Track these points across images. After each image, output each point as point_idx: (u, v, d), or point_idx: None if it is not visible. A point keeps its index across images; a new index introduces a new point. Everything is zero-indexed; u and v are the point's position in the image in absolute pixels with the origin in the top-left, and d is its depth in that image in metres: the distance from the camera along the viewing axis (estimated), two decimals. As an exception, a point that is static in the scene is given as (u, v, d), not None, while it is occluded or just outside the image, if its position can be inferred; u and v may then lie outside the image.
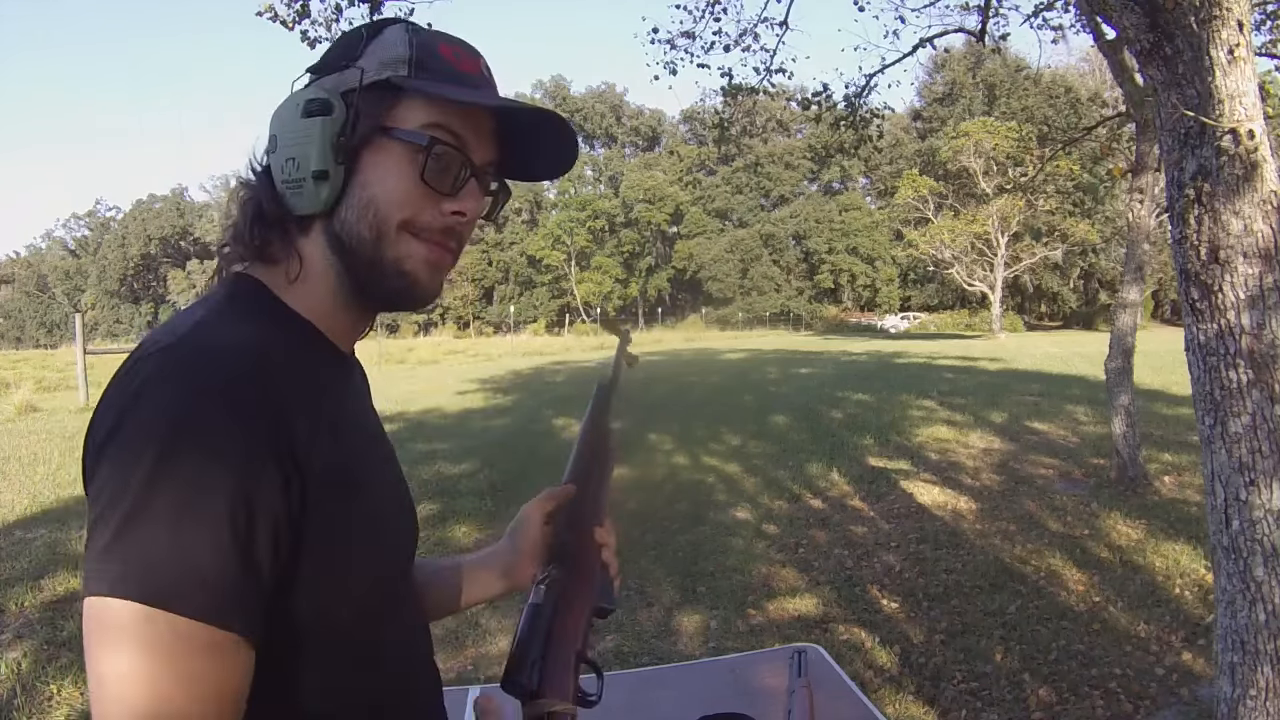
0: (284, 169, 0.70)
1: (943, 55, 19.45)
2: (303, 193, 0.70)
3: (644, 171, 55.78)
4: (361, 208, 0.71)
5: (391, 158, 0.71)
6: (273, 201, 0.71)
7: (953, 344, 27.48)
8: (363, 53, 0.71)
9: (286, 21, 5.51)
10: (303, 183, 0.69)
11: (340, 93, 0.70)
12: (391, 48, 0.71)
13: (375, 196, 0.71)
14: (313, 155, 0.69)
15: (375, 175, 0.71)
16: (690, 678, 1.65)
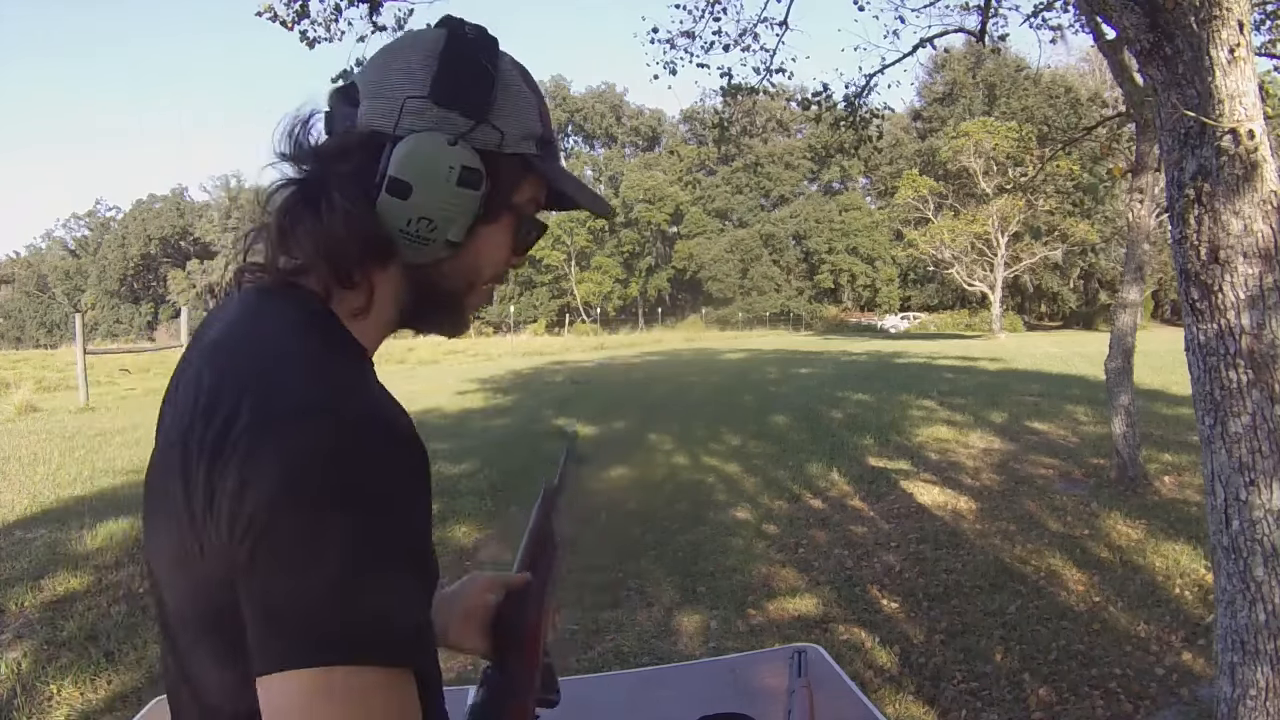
0: (411, 224, 0.67)
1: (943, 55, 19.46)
2: (424, 250, 0.69)
3: (644, 171, 55.78)
4: (465, 269, 0.73)
5: (502, 230, 0.73)
6: (381, 241, 0.68)
7: (953, 344, 27.48)
8: (494, 101, 0.69)
9: (286, 21, 5.51)
10: (430, 242, 0.69)
11: (483, 160, 0.68)
12: (524, 113, 0.71)
13: (480, 261, 0.73)
14: (454, 227, 0.69)
15: (485, 244, 0.72)
16: (690, 678, 1.64)
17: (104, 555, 4.71)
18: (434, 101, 0.67)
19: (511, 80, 0.71)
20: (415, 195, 0.66)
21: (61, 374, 18.23)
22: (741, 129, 47.82)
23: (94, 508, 5.73)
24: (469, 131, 0.67)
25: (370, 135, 0.67)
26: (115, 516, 5.43)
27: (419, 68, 0.68)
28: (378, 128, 0.67)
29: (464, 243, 0.70)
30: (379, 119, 0.67)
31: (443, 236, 0.68)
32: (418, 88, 0.67)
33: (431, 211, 0.67)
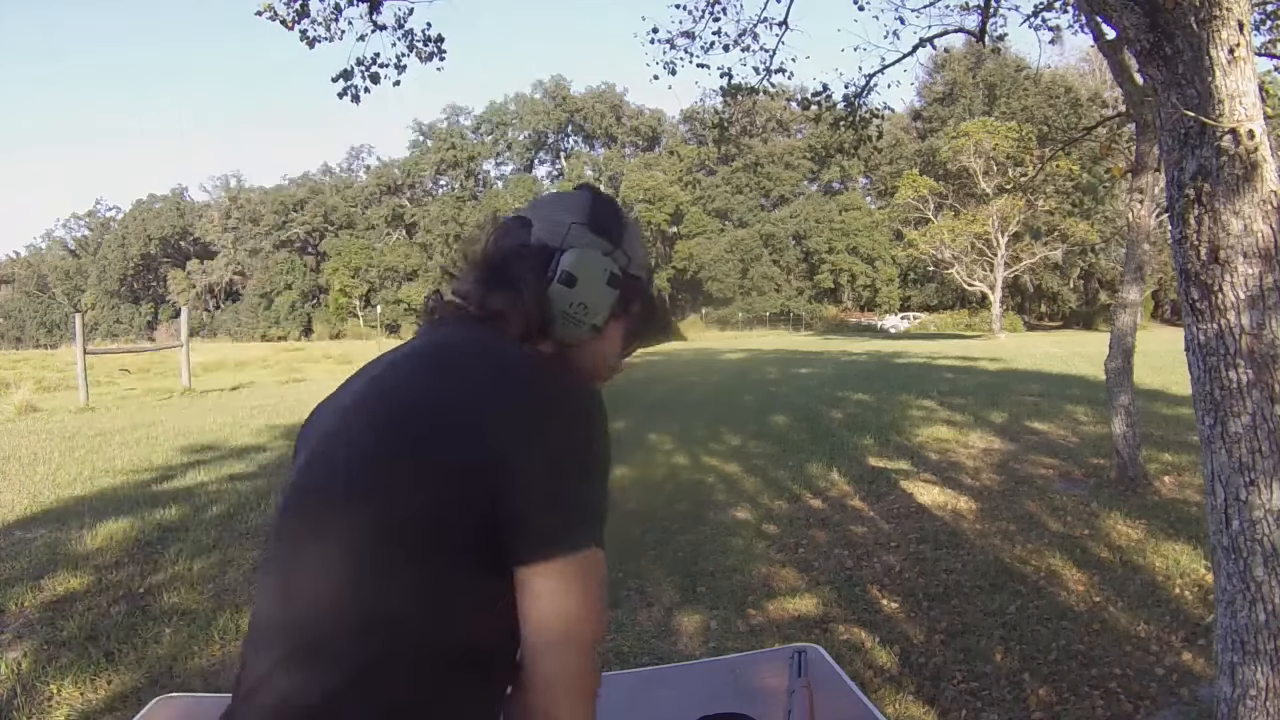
0: (573, 307, 0.97)
1: (943, 55, 19.47)
2: (576, 329, 0.99)
3: (644, 171, 55.77)
4: (593, 354, 1.03)
5: (618, 328, 1.04)
6: (547, 318, 0.97)
7: (953, 344, 27.49)
8: (623, 237, 1.02)
9: (286, 21, 5.50)
10: (582, 324, 0.98)
11: (620, 273, 1.00)
12: (640, 250, 1.05)
13: (606, 349, 1.04)
14: (600, 314, 0.99)
15: (611, 336, 1.04)
16: (690, 678, 1.64)
17: (104, 555, 4.71)
18: (589, 228, 0.99)
19: (632, 226, 1.05)
20: (579, 285, 0.96)
21: (61, 374, 18.23)
22: (741, 129, 47.82)
23: (94, 508, 5.73)
24: (611, 251, 1.00)
25: (542, 247, 0.98)
26: (115, 516, 5.43)
27: (577, 208, 1.01)
28: (547, 243, 0.98)
29: (602, 331, 1.00)
30: (548, 237, 0.99)
31: (591, 321, 0.98)
32: (579, 217, 1.00)
33: (588, 299, 0.97)
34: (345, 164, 67.21)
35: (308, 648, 0.83)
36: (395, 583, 0.83)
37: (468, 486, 0.83)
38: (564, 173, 61.41)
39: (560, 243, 0.97)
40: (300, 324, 59.63)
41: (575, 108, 60.48)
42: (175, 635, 3.63)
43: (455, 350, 0.94)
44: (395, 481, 0.84)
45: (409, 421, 0.87)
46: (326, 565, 0.85)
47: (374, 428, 0.88)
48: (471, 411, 0.85)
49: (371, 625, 0.82)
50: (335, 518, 0.86)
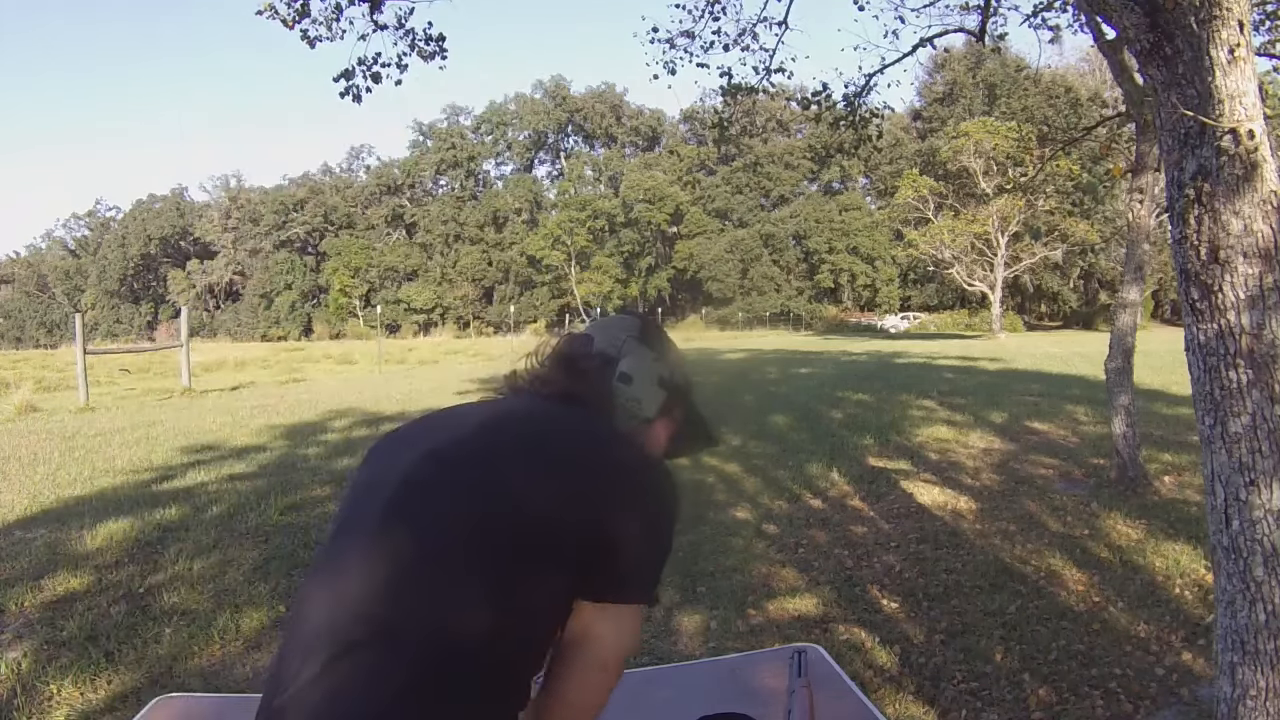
0: (629, 401, 1.18)
1: (943, 55, 19.44)
2: (631, 420, 1.18)
3: (644, 171, 55.76)
4: (646, 441, 1.20)
5: (664, 427, 1.24)
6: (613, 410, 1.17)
7: (953, 344, 27.49)
8: (667, 351, 1.25)
9: (286, 20, 5.50)
10: (636, 416, 1.19)
11: (667, 376, 1.23)
12: (683, 369, 1.27)
13: (652, 441, 1.22)
14: (651, 409, 1.20)
15: (657, 431, 1.22)
16: (690, 678, 1.64)
17: (104, 555, 4.71)
18: (640, 341, 1.22)
19: (673, 345, 1.27)
20: (634, 383, 1.18)
21: (61, 374, 18.24)
22: (741, 129, 47.81)
23: (94, 508, 5.73)
24: (659, 360, 1.22)
25: (603, 357, 1.19)
26: (115, 516, 5.43)
27: (630, 326, 1.24)
28: (606, 351, 1.20)
29: (651, 424, 1.20)
30: (607, 348, 1.20)
31: (644, 414, 1.19)
32: (632, 334, 1.22)
33: (641, 395, 1.19)
34: (345, 164, 67.21)
35: (360, 652, 0.90)
36: (467, 599, 0.95)
37: (567, 536, 0.98)
38: (564, 173, 61.41)
39: (618, 353, 1.19)
40: (300, 324, 59.62)
41: (575, 108, 60.47)
42: (175, 635, 3.63)
43: (555, 420, 1.11)
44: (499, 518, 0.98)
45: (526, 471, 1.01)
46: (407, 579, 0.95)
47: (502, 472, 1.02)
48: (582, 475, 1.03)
49: (430, 637, 0.91)
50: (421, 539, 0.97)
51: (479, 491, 0.98)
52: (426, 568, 0.94)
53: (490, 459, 1.01)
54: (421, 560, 0.94)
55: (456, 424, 1.11)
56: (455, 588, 0.93)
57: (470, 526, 0.96)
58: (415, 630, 0.90)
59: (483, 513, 0.97)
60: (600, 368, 1.17)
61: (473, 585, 0.94)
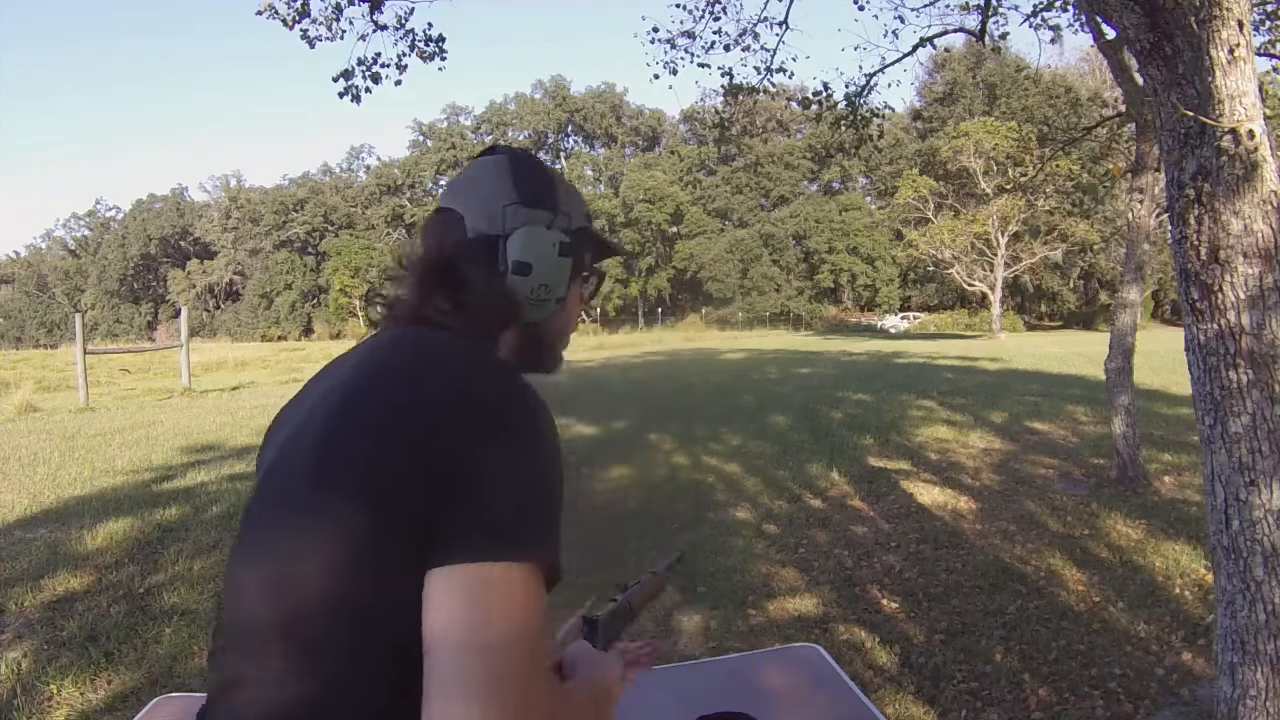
0: (534, 292, 0.95)
1: (943, 55, 19.45)
2: (543, 309, 0.97)
3: (644, 171, 55.75)
4: (564, 317, 1.02)
5: (580, 283, 1.02)
6: (514, 309, 0.94)
7: (953, 344, 27.49)
8: (558, 198, 0.98)
9: (286, 20, 5.51)
10: (546, 303, 0.96)
11: (567, 238, 0.97)
12: (577, 200, 1.02)
13: (570, 313, 1.03)
14: (561, 286, 0.97)
15: (574, 297, 1.02)
16: (690, 678, 1.64)
17: (104, 555, 4.71)
18: (523, 204, 0.95)
19: (559, 179, 1.01)
20: (535, 270, 0.94)
21: (61, 374, 18.24)
22: (742, 129, 47.80)
23: (94, 508, 5.73)
24: (554, 219, 0.96)
25: (483, 239, 0.94)
26: (115, 516, 5.43)
27: (502, 184, 0.96)
28: (487, 232, 0.94)
29: (564, 301, 0.99)
30: (486, 226, 0.94)
31: (555, 296, 0.97)
32: (509, 197, 0.95)
33: (548, 279, 0.95)
34: (345, 164, 67.18)
35: (285, 646, 0.79)
36: (366, 582, 0.77)
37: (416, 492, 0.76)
38: (564, 172, 61.42)
39: (501, 229, 0.93)
40: (300, 324, 59.62)
41: (575, 108, 60.47)
42: (175, 635, 3.63)
43: (403, 357, 0.87)
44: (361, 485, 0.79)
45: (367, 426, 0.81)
46: (301, 562, 0.80)
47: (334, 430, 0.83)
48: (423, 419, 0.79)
49: (343, 625, 0.77)
50: (305, 517, 0.81)
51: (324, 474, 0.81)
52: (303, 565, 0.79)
53: (333, 431, 0.82)
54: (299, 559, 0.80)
55: (316, 389, 0.92)
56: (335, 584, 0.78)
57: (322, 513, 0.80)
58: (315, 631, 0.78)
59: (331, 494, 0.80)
60: (483, 266, 0.92)
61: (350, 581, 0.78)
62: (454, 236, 0.94)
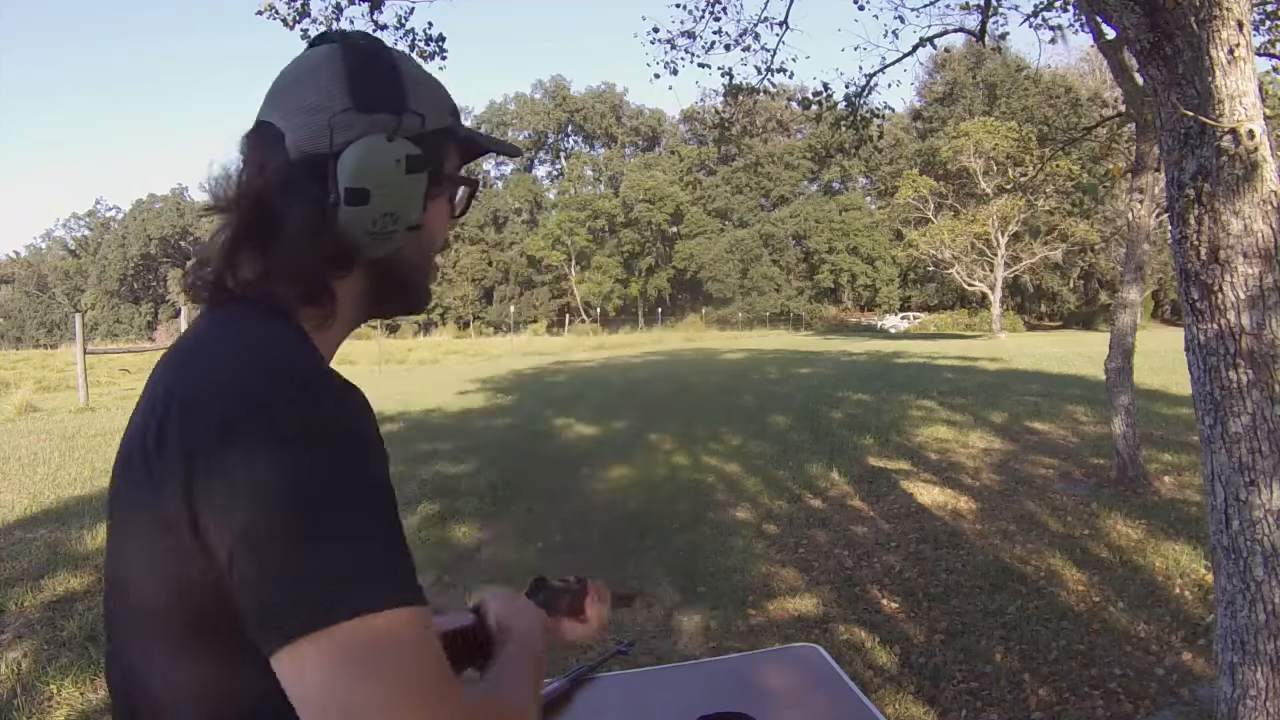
0: (378, 222, 0.72)
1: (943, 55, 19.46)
2: (390, 241, 0.74)
3: (644, 171, 55.76)
4: (421, 246, 0.79)
5: (443, 199, 0.80)
6: (347, 251, 0.73)
7: (953, 344, 27.49)
8: (406, 92, 0.75)
9: (287, 20, 5.52)
10: (395, 233, 0.74)
11: (418, 148, 0.73)
12: (432, 92, 0.78)
13: (433, 235, 0.80)
14: (414, 210, 0.75)
15: (434, 215, 0.78)
16: (690, 678, 1.64)
17: (104, 555, 4.71)
18: (359, 111, 0.72)
19: (410, 69, 0.77)
20: (375, 196, 0.71)
21: (61, 374, 18.22)
22: (742, 129, 47.77)
23: (94, 508, 5.73)
24: (398, 125, 0.73)
25: (308, 160, 0.71)
26: (115, 516, 5.43)
27: (331, 86, 0.72)
28: (311, 151, 0.71)
29: (419, 226, 0.76)
30: (310, 144, 0.71)
31: (405, 224, 0.74)
32: (339, 102, 0.71)
33: (393, 205, 0.72)
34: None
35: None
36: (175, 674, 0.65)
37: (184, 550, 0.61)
38: (564, 173, 61.42)
39: (329, 146, 0.70)
40: (300, 324, 59.55)
41: (575, 108, 60.48)
42: (175, 635, 3.62)
43: (172, 373, 0.68)
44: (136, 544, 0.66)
45: (136, 462, 0.65)
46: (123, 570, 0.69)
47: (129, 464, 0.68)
48: (177, 448, 0.61)
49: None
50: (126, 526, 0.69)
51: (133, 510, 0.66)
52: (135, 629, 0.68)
53: (138, 452, 0.65)
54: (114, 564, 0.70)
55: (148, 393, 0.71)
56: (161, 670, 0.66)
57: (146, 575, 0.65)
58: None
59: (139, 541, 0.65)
60: (307, 203, 0.70)
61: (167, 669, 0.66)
62: (273, 162, 0.72)
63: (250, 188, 0.72)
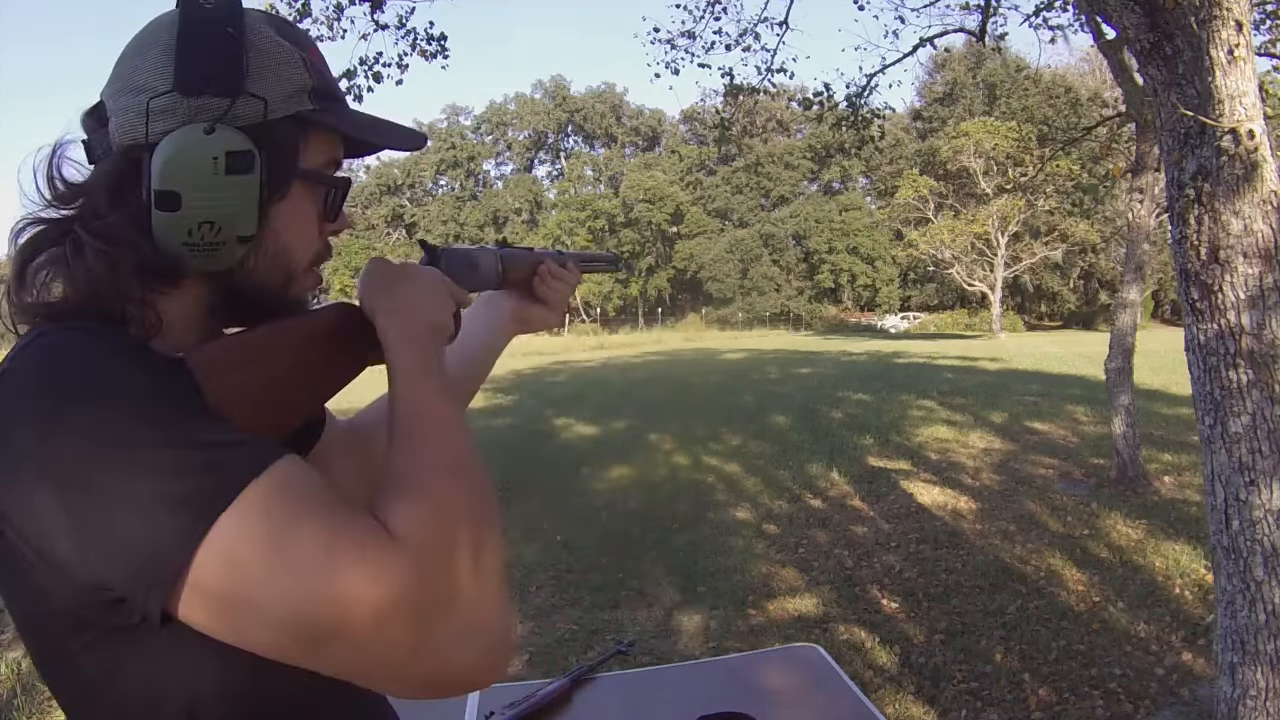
0: (195, 233, 0.60)
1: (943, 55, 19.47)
2: (218, 255, 0.62)
3: (644, 171, 55.77)
4: (274, 257, 0.66)
5: (302, 201, 0.66)
6: (163, 264, 0.61)
7: (953, 344, 27.49)
8: (246, 69, 0.61)
9: (288, 20, 5.51)
10: (220, 246, 0.61)
11: (252, 136, 0.60)
12: (283, 69, 0.63)
13: (289, 245, 0.66)
14: (240, 219, 0.61)
15: (288, 223, 0.66)
16: (690, 678, 1.64)
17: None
18: (181, 93, 0.59)
19: (261, 38, 0.63)
20: (186, 202, 0.59)
21: (61, 374, 18.18)
22: (742, 129, 47.81)
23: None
24: (226, 112, 0.60)
25: (126, 152, 0.61)
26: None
27: (159, 62, 0.60)
28: (132, 142, 0.60)
29: (261, 232, 0.63)
30: (131, 132, 0.60)
31: (232, 235, 0.61)
32: (160, 82, 0.60)
33: (211, 213, 0.60)
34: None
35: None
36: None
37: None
38: (564, 173, 61.46)
39: (144, 136, 0.60)
40: (300, 324, 59.56)
41: (575, 108, 60.48)
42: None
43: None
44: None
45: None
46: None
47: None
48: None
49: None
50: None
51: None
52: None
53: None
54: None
55: None
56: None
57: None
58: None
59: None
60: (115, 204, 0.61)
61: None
62: (100, 149, 0.63)
63: (81, 181, 0.63)
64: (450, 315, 0.74)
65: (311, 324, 0.70)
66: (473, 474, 0.60)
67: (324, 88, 0.67)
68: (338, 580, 0.49)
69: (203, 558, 0.49)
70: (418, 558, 0.52)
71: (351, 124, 0.68)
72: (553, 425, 9.81)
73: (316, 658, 0.51)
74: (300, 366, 0.67)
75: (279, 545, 0.49)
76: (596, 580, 4.44)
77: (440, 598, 0.52)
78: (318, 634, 0.50)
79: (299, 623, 0.49)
